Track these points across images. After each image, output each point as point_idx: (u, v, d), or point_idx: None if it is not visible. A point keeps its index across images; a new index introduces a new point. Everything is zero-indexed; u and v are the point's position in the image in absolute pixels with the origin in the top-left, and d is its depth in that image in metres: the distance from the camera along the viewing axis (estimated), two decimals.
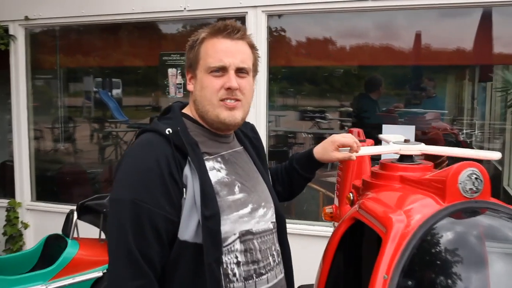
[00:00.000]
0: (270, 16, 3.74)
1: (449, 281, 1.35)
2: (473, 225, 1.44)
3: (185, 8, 3.99)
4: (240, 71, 1.53)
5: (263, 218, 1.57)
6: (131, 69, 5.45)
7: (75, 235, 3.14)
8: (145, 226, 1.36)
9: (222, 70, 1.50)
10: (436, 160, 1.88)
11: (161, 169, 1.39)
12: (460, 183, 1.42)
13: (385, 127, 3.72)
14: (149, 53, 4.58)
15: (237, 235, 1.48)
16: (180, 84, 4.16)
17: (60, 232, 3.20)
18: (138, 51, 4.66)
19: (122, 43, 4.77)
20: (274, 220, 1.63)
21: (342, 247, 1.73)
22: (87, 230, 3.25)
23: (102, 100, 6.20)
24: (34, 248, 3.28)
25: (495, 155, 1.71)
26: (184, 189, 1.42)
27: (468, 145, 4.86)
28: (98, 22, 4.39)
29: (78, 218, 3.12)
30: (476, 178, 1.42)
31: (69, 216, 3.14)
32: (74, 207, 3.18)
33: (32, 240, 4.71)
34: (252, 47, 1.59)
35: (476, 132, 5.42)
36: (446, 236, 1.42)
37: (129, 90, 6.25)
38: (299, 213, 4.48)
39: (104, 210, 3.01)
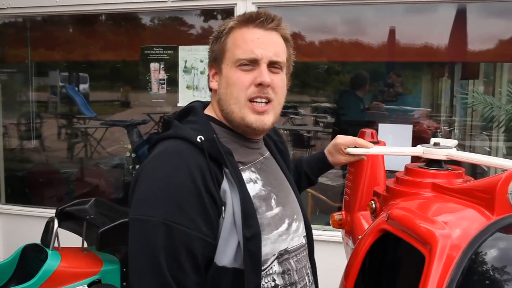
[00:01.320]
0: (261, 8, 3.56)
1: None
2: None
3: None
4: (273, 65, 1.34)
5: (296, 233, 1.42)
6: (104, 63, 5.22)
7: (56, 245, 2.90)
8: (181, 252, 1.18)
9: (252, 63, 1.32)
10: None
11: (197, 185, 1.20)
12: (510, 193, 1.28)
13: (381, 126, 3.62)
14: (129, 47, 4.36)
15: (276, 255, 1.32)
16: (163, 79, 3.97)
17: (37, 240, 2.95)
18: (118, 44, 4.44)
19: (100, 35, 4.54)
20: (305, 233, 1.49)
21: (368, 262, 1.57)
22: (67, 238, 3.02)
23: (69, 95, 5.92)
24: (9, 259, 3.00)
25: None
26: (223, 207, 1.22)
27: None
28: (74, 12, 4.12)
29: (58, 225, 2.89)
30: None
31: (49, 224, 2.90)
32: (52, 212, 2.95)
33: (2, 246, 4.43)
34: (287, 40, 1.40)
35: (455, 129, 5.42)
36: (499, 254, 1.27)
37: (98, 85, 6.00)
38: None
39: (87, 216, 2.79)
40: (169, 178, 1.22)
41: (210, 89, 1.42)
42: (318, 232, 3.58)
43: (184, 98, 3.73)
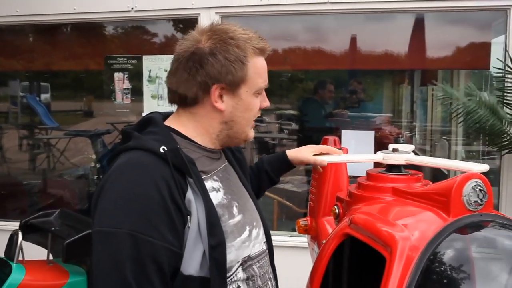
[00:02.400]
0: (224, 18, 3.59)
1: None
2: (481, 241, 1.36)
3: (132, 9, 3.75)
4: None
5: (257, 240, 1.44)
6: (66, 73, 5.15)
7: (20, 258, 2.85)
8: (147, 262, 1.17)
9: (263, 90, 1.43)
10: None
11: (162, 195, 1.19)
12: (465, 196, 1.34)
13: (344, 133, 3.68)
14: (92, 56, 4.31)
15: (240, 262, 1.34)
16: (128, 89, 3.93)
17: (0, 253, 2.89)
18: (81, 54, 4.37)
19: (62, 45, 4.45)
20: (265, 239, 1.50)
21: (332, 266, 1.62)
22: (32, 251, 2.96)
23: (30, 105, 5.82)
24: None
25: (483, 168, 1.64)
26: (188, 216, 1.24)
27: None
28: (35, 22, 4.07)
29: (23, 238, 2.83)
30: (480, 190, 1.35)
31: (13, 237, 2.84)
32: (15, 225, 2.89)
33: None
34: None
35: (416, 135, 5.55)
36: (455, 254, 1.33)
37: (60, 95, 5.91)
38: None
39: (52, 228, 2.75)
40: (134, 189, 1.21)
41: (188, 102, 1.37)
42: (285, 238, 3.62)
43: (149, 108, 3.71)
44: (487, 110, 3.01)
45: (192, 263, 1.24)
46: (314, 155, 1.83)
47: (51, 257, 2.89)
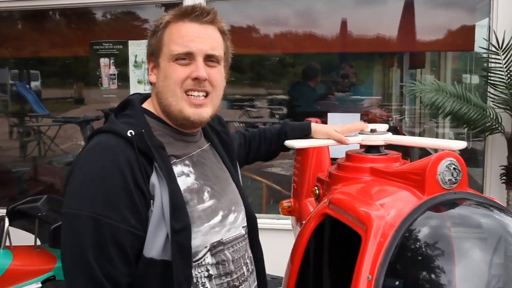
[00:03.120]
0: (209, 2, 3.57)
1: (436, 277, 1.29)
2: (455, 218, 1.39)
3: None
4: (209, 59, 1.35)
5: (234, 225, 1.43)
6: (53, 60, 5.11)
7: (7, 244, 2.86)
8: (109, 245, 1.19)
9: (188, 57, 1.32)
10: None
11: (125, 178, 1.21)
12: (439, 174, 1.36)
13: (330, 115, 3.70)
14: (79, 42, 4.28)
15: (208, 247, 1.33)
16: (114, 74, 3.92)
17: None
18: (68, 40, 4.34)
19: (49, 31, 4.42)
20: (245, 223, 1.50)
21: (312, 246, 1.64)
22: (20, 237, 2.97)
23: (20, 93, 5.77)
24: None
25: (457, 145, 1.66)
26: (151, 200, 1.25)
27: (402, 133, 4.98)
28: (21, 8, 4.02)
29: (10, 224, 2.84)
30: (454, 169, 1.37)
31: None
32: (4, 212, 2.89)
33: None
34: (224, 33, 1.42)
35: (405, 117, 5.57)
36: (430, 231, 1.35)
37: (50, 82, 5.87)
38: None
39: (39, 214, 2.75)
40: (98, 172, 1.22)
41: (150, 83, 1.43)
42: (272, 221, 3.64)
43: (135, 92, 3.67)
44: (458, 100, 3.05)
45: (154, 246, 1.24)
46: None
47: (38, 243, 2.90)
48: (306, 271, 1.65)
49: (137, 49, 3.80)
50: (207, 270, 1.33)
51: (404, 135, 4.98)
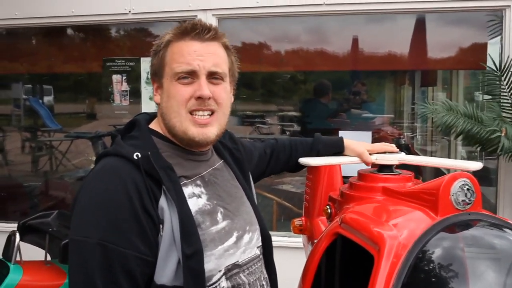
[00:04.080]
0: (221, 19, 3.60)
1: None
2: (469, 239, 1.37)
3: (130, 11, 3.77)
4: (213, 76, 1.32)
5: (249, 245, 1.39)
6: (66, 76, 5.16)
7: (18, 259, 2.86)
8: (118, 272, 1.15)
9: (191, 76, 1.30)
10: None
11: (132, 203, 1.17)
12: (453, 195, 1.34)
13: (341, 133, 3.69)
14: (89, 59, 4.33)
15: (223, 271, 1.29)
16: (126, 91, 3.95)
17: None
18: (81, 56, 4.38)
19: (62, 48, 4.47)
20: (260, 243, 1.46)
21: (323, 265, 1.62)
22: (30, 252, 2.98)
23: (33, 108, 5.82)
24: None
25: (474, 166, 1.65)
26: (160, 225, 1.21)
27: (414, 150, 4.96)
28: (34, 25, 4.08)
29: (20, 239, 2.85)
30: (468, 189, 1.36)
31: (10, 238, 2.85)
32: (15, 227, 2.91)
33: None
34: (227, 48, 1.39)
35: (417, 135, 5.55)
36: (443, 253, 1.34)
37: (63, 97, 5.92)
38: None
39: (50, 229, 2.76)
40: (105, 197, 1.19)
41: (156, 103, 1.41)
42: (284, 239, 3.62)
43: (147, 110, 3.65)
44: (469, 120, 3.03)
45: (166, 272, 1.20)
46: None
47: (48, 258, 2.90)
48: None
49: (149, 65, 3.82)
50: None
51: (416, 153, 4.96)
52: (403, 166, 1.79)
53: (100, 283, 1.14)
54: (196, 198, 1.30)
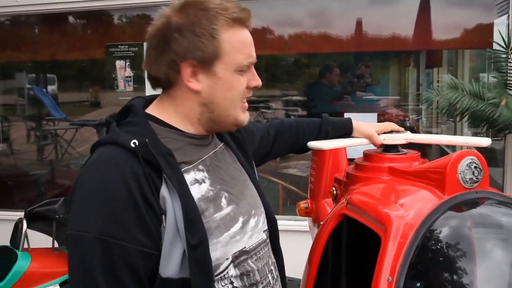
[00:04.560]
0: None
1: (457, 278, 1.26)
2: (477, 217, 1.35)
3: None
4: None
5: (255, 230, 1.34)
6: (69, 63, 5.14)
7: (26, 246, 2.88)
8: (120, 268, 1.09)
9: (248, 67, 1.27)
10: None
11: (132, 193, 1.10)
12: (460, 173, 1.33)
13: (346, 115, 3.66)
14: (90, 45, 4.30)
15: (230, 259, 1.24)
16: (130, 77, 3.93)
17: (6, 243, 2.93)
18: (78, 43, 4.35)
19: (65, 35, 4.44)
20: (266, 227, 1.40)
21: (330, 247, 1.62)
22: (38, 239, 3.00)
23: (37, 97, 5.82)
24: None
25: (485, 142, 1.63)
26: (163, 215, 1.14)
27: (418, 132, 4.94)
28: (36, 12, 4.05)
29: (28, 226, 2.86)
30: (475, 167, 1.34)
31: (17, 225, 2.86)
32: (22, 215, 2.92)
33: None
34: None
35: (422, 117, 5.52)
36: (450, 232, 1.32)
37: (67, 86, 5.92)
38: None
39: (57, 216, 2.77)
40: (103, 189, 1.12)
41: (165, 85, 1.28)
42: (289, 223, 3.62)
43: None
44: (473, 98, 2.99)
45: (171, 264, 1.15)
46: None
47: (56, 245, 2.92)
48: (325, 273, 1.63)
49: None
50: (231, 283, 1.24)
51: None
52: (410, 146, 1.78)
53: (102, 280, 1.09)
54: (198, 185, 1.24)
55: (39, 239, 3.00)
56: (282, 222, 3.59)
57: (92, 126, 5.37)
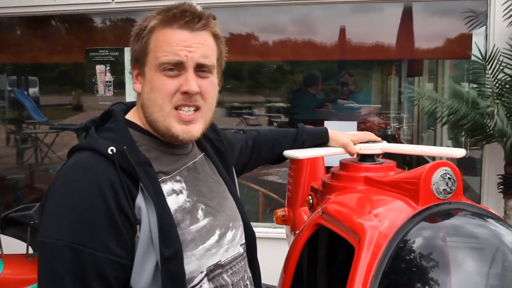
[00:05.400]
0: (205, 9, 3.55)
1: None
2: (449, 229, 1.36)
3: (113, 0, 3.72)
4: (200, 69, 1.21)
5: (232, 243, 1.31)
6: (51, 66, 5.09)
7: None
8: (91, 278, 1.06)
9: (177, 67, 1.19)
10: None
11: (106, 202, 1.08)
12: (434, 184, 1.33)
13: (327, 123, 3.68)
14: (72, 49, 4.26)
15: (205, 272, 1.21)
16: (110, 82, 3.90)
17: None
18: (60, 46, 4.31)
19: (40, 38, 4.39)
20: (244, 241, 1.38)
21: (305, 256, 1.61)
22: (11, 245, 2.94)
23: (18, 99, 5.74)
24: None
25: (459, 153, 1.64)
26: (137, 225, 1.11)
27: (400, 141, 4.98)
28: (16, 14, 4.01)
29: (1, 232, 2.81)
30: (449, 178, 1.34)
31: None
32: None
33: None
34: (217, 37, 1.27)
35: (403, 126, 5.57)
36: (423, 242, 1.33)
37: (48, 89, 5.86)
38: None
39: (31, 222, 2.72)
40: (77, 197, 1.09)
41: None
42: (268, 230, 3.62)
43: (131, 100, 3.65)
44: (468, 106, 3.03)
45: (143, 276, 1.12)
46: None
47: (30, 251, 2.87)
48: (300, 282, 1.62)
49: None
50: None
51: (402, 143, 4.97)
52: (390, 156, 1.78)
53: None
54: (175, 196, 1.22)
55: (13, 245, 2.95)
56: (262, 230, 3.59)
57: (72, 130, 5.31)
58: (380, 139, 1.79)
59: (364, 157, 1.70)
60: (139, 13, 3.77)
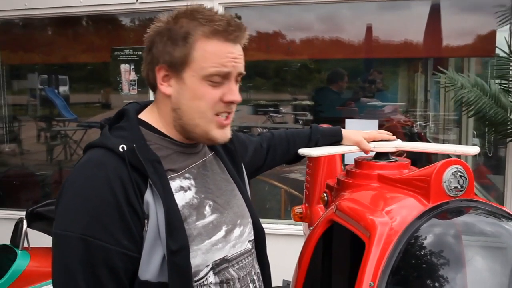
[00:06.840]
0: (228, 8, 3.60)
1: (439, 284, 1.27)
2: (460, 226, 1.37)
3: (137, 1, 3.78)
4: (238, 76, 1.28)
5: (240, 239, 1.35)
6: (80, 65, 5.20)
7: (26, 245, 2.92)
8: (100, 268, 1.12)
9: (222, 77, 1.23)
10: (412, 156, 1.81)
11: (116, 196, 1.14)
12: (445, 182, 1.34)
13: (348, 121, 3.68)
14: (99, 48, 4.34)
15: (210, 266, 1.25)
16: (134, 80, 3.97)
17: (7, 242, 2.98)
18: (88, 46, 4.40)
19: (69, 38, 4.49)
20: (252, 237, 1.42)
21: (318, 251, 1.64)
22: (38, 238, 3.04)
23: (48, 97, 5.89)
24: None
25: (473, 150, 1.64)
26: (145, 220, 1.17)
27: (426, 139, 4.94)
28: (43, 15, 4.12)
29: (28, 226, 2.90)
30: (460, 176, 1.35)
31: (18, 225, 2.91)
32: (23, 214, 2.96)
33: None
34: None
35: (430, 123, 5.51)
36: (433, 239, 1.34)
37: (78, 87, 5.98)
38: (262, 211, 4.37)
39: None
40: (88, 191, 1.15)
41: (152, 89, 1.32)
42: (289, 227, 3.63)
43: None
44: (490, 99, 2.99)
45: (150, 268, 1.17)
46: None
47: None
48: (313, 277, 1.65)
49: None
50: None
51: (428, 141, 4.93)
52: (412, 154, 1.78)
53: (81, 278, 1.11)
54: (183, 192, 1.26)
55: (39, 239, 3.03)
56: (284, 227, 3.59)
57: (99, 127, 5.40)
58: (394, 137, 1.80)
59: (378, 155, 1.72)
60: (163, 13, 3.83)
